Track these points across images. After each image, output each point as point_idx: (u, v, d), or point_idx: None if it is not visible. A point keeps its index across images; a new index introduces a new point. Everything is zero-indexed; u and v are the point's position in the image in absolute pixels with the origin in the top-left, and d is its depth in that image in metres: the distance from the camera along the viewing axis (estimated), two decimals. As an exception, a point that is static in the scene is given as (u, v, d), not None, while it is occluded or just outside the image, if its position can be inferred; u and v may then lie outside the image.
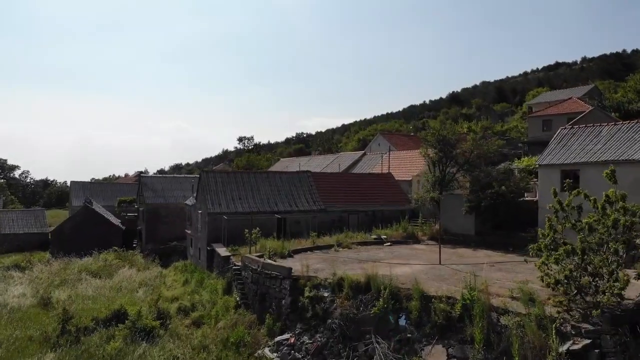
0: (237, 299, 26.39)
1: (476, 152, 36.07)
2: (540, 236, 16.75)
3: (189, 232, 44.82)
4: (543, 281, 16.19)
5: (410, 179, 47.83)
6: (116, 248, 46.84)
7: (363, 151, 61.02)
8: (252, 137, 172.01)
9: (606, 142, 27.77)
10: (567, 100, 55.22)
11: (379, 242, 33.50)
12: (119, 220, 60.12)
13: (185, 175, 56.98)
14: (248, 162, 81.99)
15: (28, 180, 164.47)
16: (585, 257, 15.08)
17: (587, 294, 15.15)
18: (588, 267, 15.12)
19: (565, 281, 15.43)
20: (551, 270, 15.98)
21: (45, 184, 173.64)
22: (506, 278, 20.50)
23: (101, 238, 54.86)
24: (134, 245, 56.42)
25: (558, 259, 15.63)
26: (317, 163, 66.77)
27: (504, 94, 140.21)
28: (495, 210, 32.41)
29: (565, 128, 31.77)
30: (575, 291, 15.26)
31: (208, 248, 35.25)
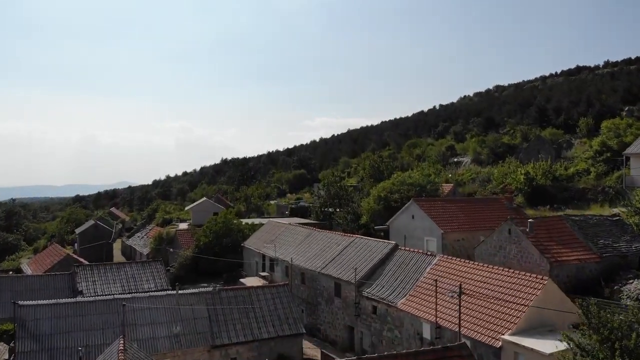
0: None
1: None
2: None
3: None
4: None
5: (498, 345, 24.80)
6: None
7: (393, 242, 38.24)
8: (246, 158, 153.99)
9: None
10: None
11: None
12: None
13: (103, 298, 33.99)
14: (225, 224, 59.19)
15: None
16: None
17: None
18: None
19: None
20: None
21: (9, 214, 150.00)
22: None
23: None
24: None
25: None
26: (318, 248, 43.90)
27: (544, 113, 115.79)
28: None
29: None
30: None
31: None
